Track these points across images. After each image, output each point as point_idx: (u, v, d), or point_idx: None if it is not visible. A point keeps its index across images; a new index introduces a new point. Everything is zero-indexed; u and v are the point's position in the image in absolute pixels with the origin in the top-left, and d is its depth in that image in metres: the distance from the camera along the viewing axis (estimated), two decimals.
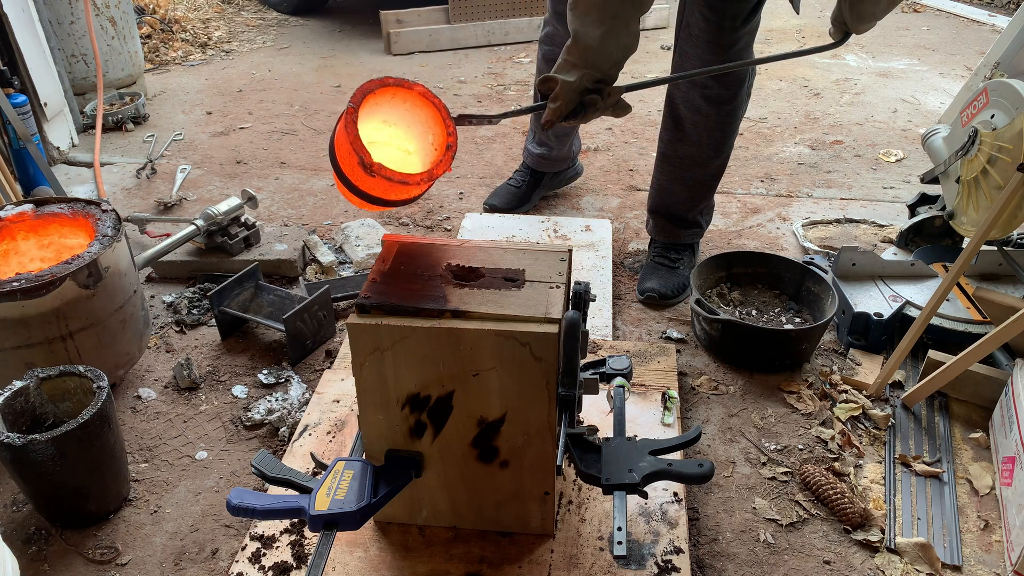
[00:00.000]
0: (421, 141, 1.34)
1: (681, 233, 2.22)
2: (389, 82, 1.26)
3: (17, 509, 1.54)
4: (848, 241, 2.44)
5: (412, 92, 1.29)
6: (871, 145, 3.12)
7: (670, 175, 2.14)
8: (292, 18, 4.95)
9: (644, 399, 1.71)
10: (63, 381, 1.50)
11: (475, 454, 1.27)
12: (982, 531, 1.48)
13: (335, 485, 1.21)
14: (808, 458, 1.63)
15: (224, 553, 1.44)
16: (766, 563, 1.42)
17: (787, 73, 3.88)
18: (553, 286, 1.23)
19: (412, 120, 1.32)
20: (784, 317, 2.01)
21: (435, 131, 1.31)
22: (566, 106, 1.44)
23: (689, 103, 1.99)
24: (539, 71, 2.37)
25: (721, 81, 1.93)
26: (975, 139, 1.80)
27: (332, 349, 1.97)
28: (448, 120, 1.30)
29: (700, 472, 1.21)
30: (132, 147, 3.13)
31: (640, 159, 3.01)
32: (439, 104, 1.30)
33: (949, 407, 1.76)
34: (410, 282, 1.23)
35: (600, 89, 1.45)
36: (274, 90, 3.74)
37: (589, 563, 1.33)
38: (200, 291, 2.17)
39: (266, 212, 2.64)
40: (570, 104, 1.45)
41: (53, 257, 1.76)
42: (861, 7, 1.53)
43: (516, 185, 2.59)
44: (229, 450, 1.68)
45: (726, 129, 2.03)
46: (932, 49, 4.25)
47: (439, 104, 1.30)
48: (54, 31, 3.04)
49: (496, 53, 4.22)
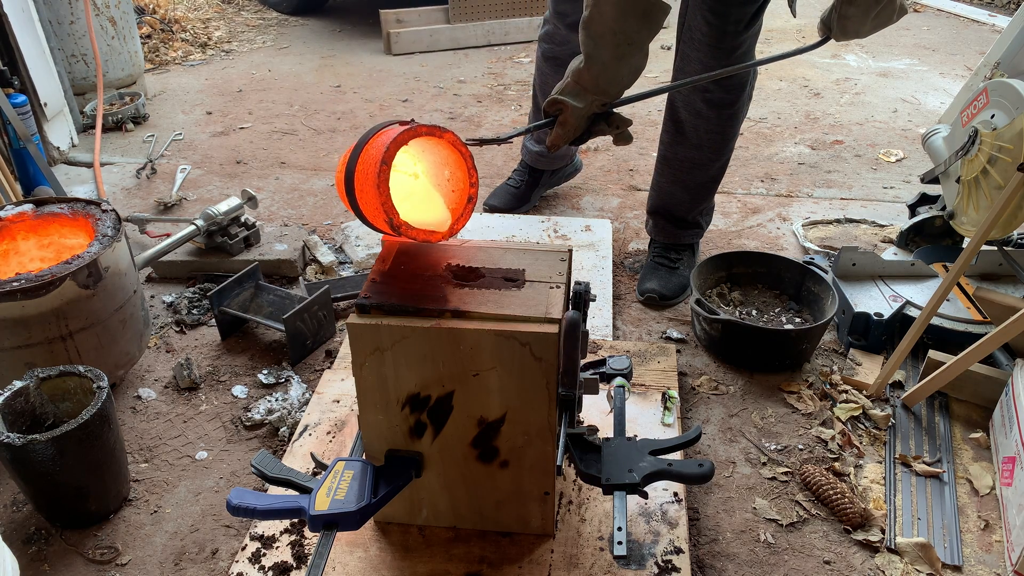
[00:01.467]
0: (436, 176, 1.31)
1: (681, 234, 2.22)
2: (422, 131, 1.20)
3: (17, 509, 1.54)
4: (848, 241, 2.44)
5: (442, 141, 1.25)
6: (871, 145, 3.12)
7: (670, 177, 2.14)
8: (292, 18, 4.95)
9: (644, 399, 1.71)
10: (63, 381, 1.50)
11: (475, 454, 1.27)
12: (982, 531, 1.48)
13: (335, 485, 1.21)
14: (808, 458, 1.63)
15: (224, 553, 1.44)
16: (766, 563, 1.42)
17: (787, 73, 3.88)
18: (553, 286, 1.23)
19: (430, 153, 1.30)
20: (784, 317, 2.01)
21: (456, 175, 1.29)
22: (574, 132, 1.43)
23: (690, 107, 1.98)
24: (538, 69, 2.36)
25: (723, 85, 1.92)
26: (975, 139, 1.80)
27: (332, 349, 1.97)
28: (472, 171, 1.27)
29: (700, 472, 1.21)
30: (132, 147, 3.13)
31: (640, 159, 3.01)
32: (466, 154, 1.26)
33: (949, 407, 1.76)
34: (410, 282, 1.23)
35: (608, 115, 1.44)
36: (274, 90, 3.74)
37: (589, 563, 1.33)
38: (200, 291, 2.17)
39: (266, 212, 2.64)
40: (578, 130, 1.44)
41: (53, 257, 1.76)
42: (847, 23, 1.55)
43: (515, 185, 2.59)
44: (229, 450, 1.68)
45: (727, 132, 2.03)
46: (932, 49, 4.25)
47: (466, 154, 1.26)
48: (54, 31, 3.04)
49: (496, 53, 4.22)
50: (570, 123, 1.41)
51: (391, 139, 1.17)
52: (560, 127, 1.43)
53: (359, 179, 1.22)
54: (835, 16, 1.56)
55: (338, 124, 3.35)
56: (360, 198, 1.23)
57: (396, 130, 1.20)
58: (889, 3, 1.52)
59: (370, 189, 1.18)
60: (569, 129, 1.42)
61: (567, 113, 1.41)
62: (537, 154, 2.53)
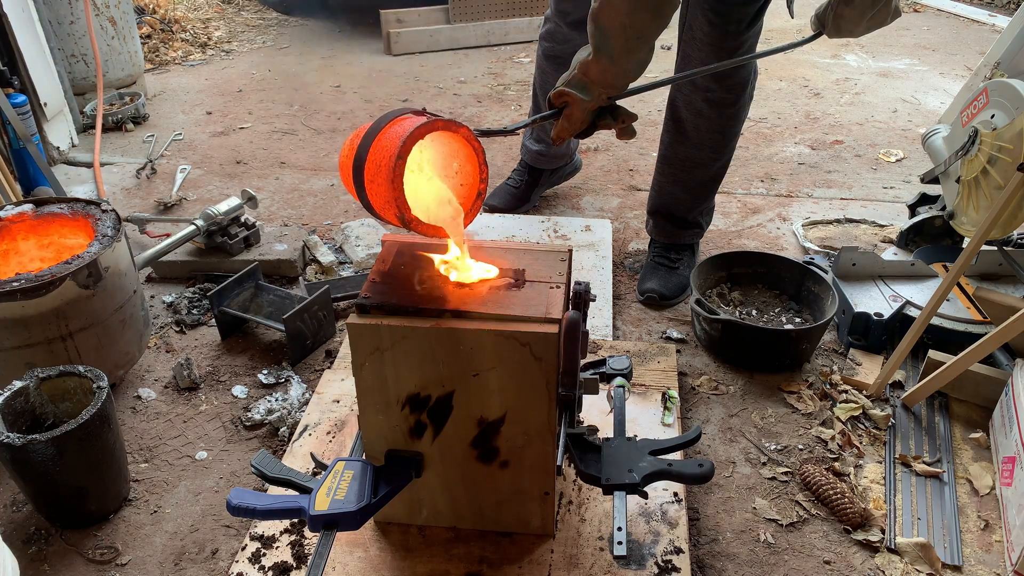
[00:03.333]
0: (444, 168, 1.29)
1: (681, 234, 2.22)
2: (439, 126, 1.16)
3: (17, 509, 1.54)
4: (848, 241, 2.44)
5: (457, 135, 1.22)
6: (871, 145, 3.12)
7: (671, 177, 2.14)
8: (292, 18, 4.95)
9: (644, 399, 1.71)
10: (63, 381, 1.50)
11: (475, 454, 1.27)
12: (982, 531, 1.48)
13: (335, 485, 1.21)
14: (808, 458, 1.63)
15: (224, 553, 1.44)
16: (766, 563, 1.42)
17: (787, 73, 3.88)
18: (553, 286, 1.23)
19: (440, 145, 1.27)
20: (784, 317, 2.01)
21: (466, 169, 1.27)
22: (580, 125, 1.43)
23: (691, 106, 1.99)
24: (539, 67, 2.36)
25: (724, 85, 1.92)
26: (975, 139, 1.80)
27: (332, 349, 1.97)
28: (484, 166, 1.24)
29: (700, 472, 1.21)
30: (132, 147, 3.13)
31: (640, 159, 3.01)
32: (479, 149, 1.24)
33: (949, 407, 1.76)
34: (410, 282, 1.23)
35: (613, 109, 1.44)
36: (274, 90, 3.74)
37: (589, 563, 1.33)
38: (200, 291, 2.17)
39: (266, 212, 2.64)
40: (584, 123, 1.43)
41: (53, 257, 1.76)
42: (842, 22, 1.56)
43: (515, 185, 2.59)
44: (229, 450, 1.68)
45: (727, 132, 2.03)
46: (932, 49, 4.24)
47: (479, 149, 1.24)
48: (54, 31, 3.04)
49: (496, 53, 4.22)
50: (576, 116, 1.41)
51: (408, 133, 1.12)
52: (566, 120, 1.42)
53: (370, 169, 1.18)
54: (830, 14, 1.56)
55: (338, 124, 3.35)
56: (370, 189, 1.19)
57: (412, 122, 1.15)
58: (885, 6, 1.53)
59: (383, 183, 1.15)
60: (575, 122, 1.42)
61: (574, 107, 1.40)
62: (537, 153, 2.53)
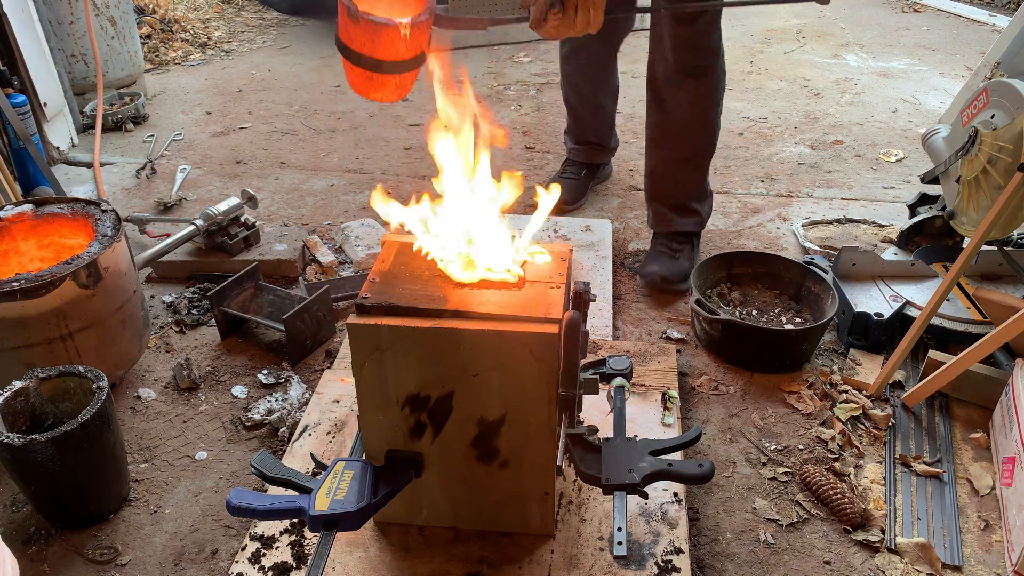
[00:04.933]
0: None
1: (679, 221, 2.22)
2: None
3: (17, 509, 1.54)
4: (848, 241, 2.43)
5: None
6: (871, 145, 3.12)
7: (659, 157, 2.19)
8: (292, 18, 4.95)
9: (644, 399, 1.71)
10: (63, 381, 1.50)
11: (475, 454, 1.27)
12: (982, 531, 1.48)
13: (335, 485, 1.21)
14: (808, 458, 1.63)
15: (224, 553, 1.44)
16: (766, 563, 1.42)
17: (787, 73, 3.88)
18: (553, 286, 1.23)
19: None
20: (784, 317, 2.01)
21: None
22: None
23: (668, 80, 2.04)
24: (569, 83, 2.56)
25: (695, 53, 1.99)
26: (975, 139, 1.80)
27: (332, 349, 1.97)
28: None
29: (700, 472, 1.21)
30: (132, 147, 3.13)
31: (640, 159, 2.99)
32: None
33: (949, 407, 1.76)
34: (410, 282, 1.23)
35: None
36: (274, 90, 3.74)
37: (589, 563, 1.33)
38: (200, 291, 2.17)
39: (266, 212, 2.64)
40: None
41: (53, 257, 1.76)
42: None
43: (575, 176, 2.66)
44: (229, 450, 1.68)
45: (706, 102, 2.07)
46: (932, 49, 4.24)
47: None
48: (54, 31, 3.04)
49: (496, 53, 4.22)
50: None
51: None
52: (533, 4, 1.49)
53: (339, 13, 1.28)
54: None
55: (338, 124, 3.35)
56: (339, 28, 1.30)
57: None
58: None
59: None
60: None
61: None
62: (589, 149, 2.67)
